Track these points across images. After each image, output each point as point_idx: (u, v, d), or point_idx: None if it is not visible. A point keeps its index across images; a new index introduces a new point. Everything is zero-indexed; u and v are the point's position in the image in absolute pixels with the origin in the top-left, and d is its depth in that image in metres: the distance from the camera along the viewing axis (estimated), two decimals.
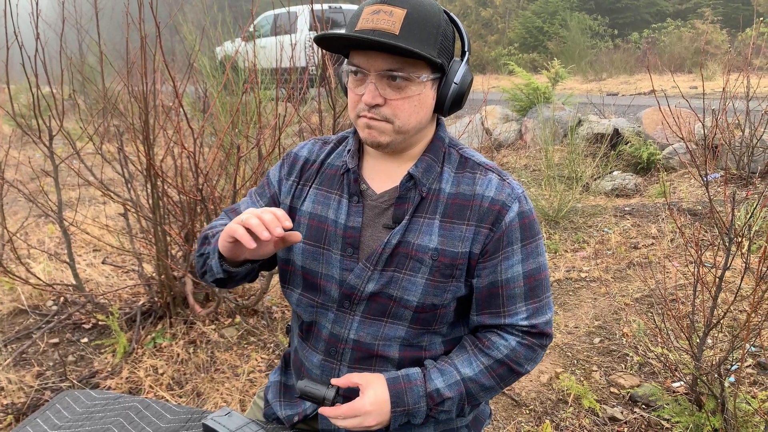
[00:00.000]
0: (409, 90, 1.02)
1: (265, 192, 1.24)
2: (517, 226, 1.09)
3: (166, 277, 2.78)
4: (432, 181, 1.10)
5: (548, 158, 5.39)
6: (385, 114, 1.03)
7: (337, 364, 1.15)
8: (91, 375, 2.61)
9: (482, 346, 1.12)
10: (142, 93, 2.53)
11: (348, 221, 1.11)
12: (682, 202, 4.57)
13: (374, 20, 0.98)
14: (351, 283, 1.10)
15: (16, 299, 3.24)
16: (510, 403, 2.44)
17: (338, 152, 1.20)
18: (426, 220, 1.09)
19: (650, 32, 19.46)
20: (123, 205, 2.78)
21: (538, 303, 1.13)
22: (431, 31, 1.00)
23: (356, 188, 1.12)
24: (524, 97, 7.51)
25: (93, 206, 5.39)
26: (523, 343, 1.11)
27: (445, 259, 1.08)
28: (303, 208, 1.17)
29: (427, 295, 1.08)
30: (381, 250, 1.08)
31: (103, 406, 1.29)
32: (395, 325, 1.11)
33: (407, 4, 0.99)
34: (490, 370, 1.10)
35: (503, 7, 25.74)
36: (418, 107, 1.04)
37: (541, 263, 1.13)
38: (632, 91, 11.20)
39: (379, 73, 1.00)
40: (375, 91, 1.01)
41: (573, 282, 3.56)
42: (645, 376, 2.57)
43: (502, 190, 1.09)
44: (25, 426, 1.23)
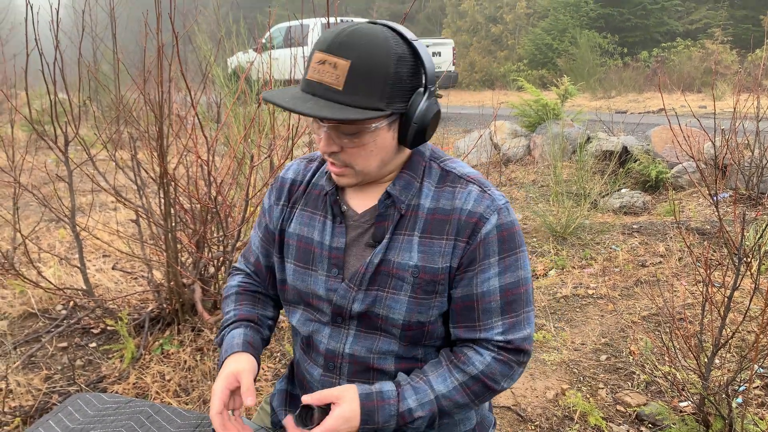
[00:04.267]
0: (362, 139, 1.01)
1: (261, 222, 1.28)
2: (495, 238, 1.07)
3: (176, 284, 2.80)
4: (411, 198, 1.10)
5: (557, 174, 5.40)
6: (343, 160, 1.04)
7: (336, 378, 1.16)
8: (99, 380, 2.62)
9: (458, 361, 1.10)
10: (157, 101, 2.56)
11: (332, 242, 1.13)
12: (691, 221, 4.56)
13: (320, 71, 0.96)
14: (338, 302, 1.12)
15: (26, 302, 3.27)
16: (516, 418, 2.43)
17: (322, 171, 1.20)
18: (405, 237, 1.09)
19: (660, 51, 19.50)
20: (135, 211, 2.81)
21: (515, 318, 1.10)
22: (378, 81, 0.96)
23: (337, 209, 1.13)
24: (533, 113, 7.54)
25: (103, 212, 5.43)
26: (498, 359, 1.09)
27: (425, 275, 1.07)
28: (290, 229, 1.19)
29: (412, 312, 1.08)
30: (364, 270, 1.09)
31: (114, 410, 1.31)
32: (388, 339, 1.12)
33: (353, 53, 0.94)
34: (464, 386, 1.08)
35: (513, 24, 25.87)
36: (375, 151, 1.03)
37: (520, 277, 1.10)
38: (641, 110, 11.21)
39: (330, 126, 1.00)
40: (329, 140, 1.02)
41: (580, 298, 3.55)
42: (652, 395, 2.56)
43: (481, 203, 1.07)
44: (37, 428, 1.25)
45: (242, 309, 1.24)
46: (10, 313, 3.21)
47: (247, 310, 1.24)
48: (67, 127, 2.82)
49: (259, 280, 1.32)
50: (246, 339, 1.16)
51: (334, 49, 0.95)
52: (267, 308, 1.30)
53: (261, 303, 1.29)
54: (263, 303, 1.30)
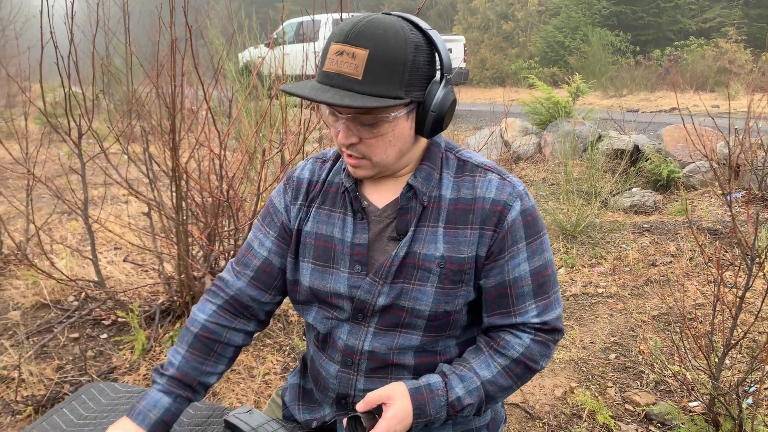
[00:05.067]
0: (381, 128, 1.01)
1: (273, 221, 1.22)
2: (521, 224, 1.09)
3: (186, 277, 2.81)
4: (432, 189, 1.10)
5: (567, 172, 5.38)
6: (361, 151, 1.04)
7: (353, 374, 1.15)
8: (110, 370, 2.65)
9: (497, 346, 1.12)
10: (170, 95, 2.58)
11: (355, 239, 1.12)
12: (702, 220, 4.53)
13: (338, 62, 0.96)
14: (361, 298, 1.11)
15: (38, 293, 3.30)
16: (524, 415, 2.43)
17: (336, 169, 1.19)
18: (430, 229, 1.09)
19: (673, 50, 19.33)
20: (147, 204, 2.83)
21: (547, 299, 1.13)
22: (397, 69, 0.96)
23: (358, 205, 1.13)
24: (544, 110, 7.51)
25: (114, 205, 5.47)
26: (536, 340, 1.12)
27: (452, 265, 1.08)
28: (307, 228, 1.17)
29: (439, 303, 1.09)
30: (389, 264, 1.09)
31: (127, 399, 1.32)
32: (409, 335, 1.12)
33: (370, 43, 0.95)
34: (507, 370, 1.11)
35: (525, 21, 25.72)
36: (394, 141, 1.04)
37: (547, 259, 1.13)
38: (653, 108, 11.13)
39: (349, 116, 1.01)
40: (348, 131, 1.02)
41: (589, 297, 3.54)
42: (661, 395, 2.55)
43: (503, 190, 1.09)
44: (51, 415, 1.26)
45: (189, 363, 1.17)
46: (23, 304, 3.24)
47: (193, 368, 1.17)
48: (81, 119, 2.84)
49: (256, 291, 1.22)
50: (163, 418, 1.12)
51: (351, 39, 0.95)
52: (220, 362, 1.21)
53: (214, 357, 1.20)
54: (217, 357, 1.20)
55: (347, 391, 1.16)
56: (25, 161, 3.36)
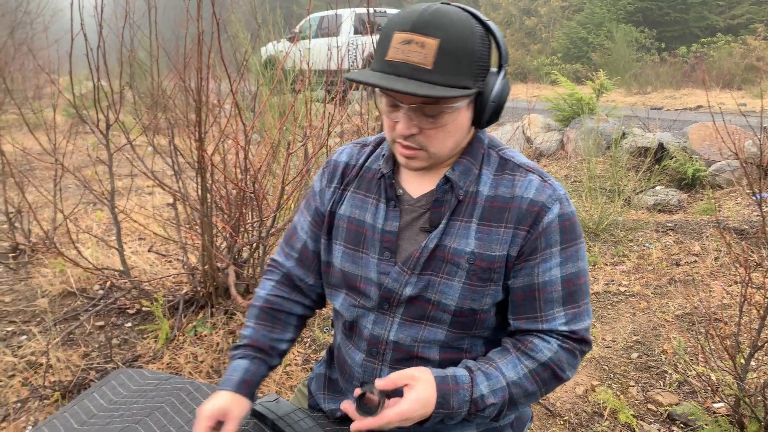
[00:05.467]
0: (443, 119, 1.00)
1: (310, 204, 1.26)
2: (557, 228, 1.06)
3: (210, 267, 2.84)
4: (469, 184, 1.09)
5: (590, 170, 5.33)
6: (420, 142, 1.03)
7: (378, 364, 1.16)
8: (134, 358, 2.69)
9: (525, 348, 1.08)
10: (196, 88, 2.60)
11: (385, 225, 1.12)
12: (728, 220, 4.46)
13: (405, 51, 0.95)
14: (389, 286, 1.11)
15: (65, 281, 3.36)
16: (545, 413, 2.42)
17: (376, 155, 1.20)
18: (463, 224, 1.08)
19: (699, 47, 19.00)
20: (173, 195, 2.86)
21: (577, 309, 1.09)
22: (466, 59, 0.96)
23: (392, 193, 1.13)
24: (567, 107, 7.44)
25: (139, 196, 5.54)
26: (564, 347, 1.09)
27: (482, 263, 1.06)
28: (341, 211, 1.18)
29: (465, 299, 1.07)
30: (418, 254, 1.08)
31: (156, 386, 1.34)
32: (434, 328, 1.11)
33: (440, 32, 0.94)
34: (534, 374, 1.07)
35: (548, 17, 25.48)
36: (453, 132, 1.03)
37: (580, 268, 1.09)
38: (677, 106, 10.97)
39: (413, 106, 0.99)
40: (409, 122, 1.00)
41: (611, 295, 3.51)
42: (684, 395, 2.53)
43: (543, 191, 1.07)
44: (82, 399, 1.29)
45: (258, 332, 1.23)
46: (51, 292, 3.30)
47: (262, 335, 1.22)
48: (109, 111, 2.88)
49: (302, 270, 1.28)
50: (244, 377, 1.16)
51: (420, 28, 0.94)
52: (287, 330, 1.26)
53: (281, 325, 1.25)
54: (283, 324, 1.26)
55: (372, 380, 1.16)
56: (53, 152, 3.42)
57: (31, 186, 4.03)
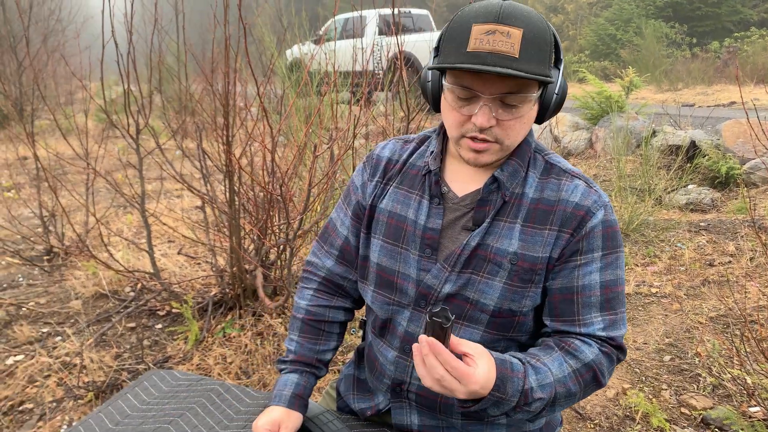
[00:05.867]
0: (521, 110, 1.01)
1: (350, 198, 1.26)
2: (600, 233, 1.07)
3: (238, 270, 2.88)
4: (516, 186, 1.09)
5: (619, 169, 5.24)
6: (495, 134, 1.03)
7: (411, 361, 1.15)
8: (165, 359, 2.73)
9: (569, 348, 1.06)
10: (224, 92, 2.63)
11: (428, 222, 1.12)
12: (764, 219, 4.35)
13: (490, 41, 0.95)
14: (428, 283, 1.11)
15: (97, 284, 3.43)
16: (574, 416, 2.39)
17: (420, 152, 1.20)
18: (507, 224, 1.08)
19: (732, 41, 18.56)
20: (201, 198, 2.90)
21: (614, 316, 1.09)
22: (546, 48, 0.99)
23: (437, 190, 1.13)
24: (596, 105, 7.33)
25: (168, 199, 5.63)
26: (604, 351, 1.07)
27: (524, 263, 1.06)
28: (382, 205, 1.19)
29: (504, 299, 1.07)
30: (460, 252, 1.08)
31: (187, 387, 1.36)
32: (471, 329, 1.10)
33: (522, 23, 0.96)
34: (578, 374, 1.04)
35: (575, 14, 25.18)
36: (526, 124, 1.05)
37: (619, 276, 1.09)
38: (710, 103, 10.73)
39: (495, 96, 0.99)
40: (489, 114, 1.00)
41: (643, 297, 3.45)
42: (719, 399, 2.47)
43: (588, 196, 1.07)
44: (116, 400, 1.31)
45: (303, 346, 1.26)
46: (83, 294, 3.37)
47: (307, 349, 1.26)
48: (139, 116, 2.93)
49: (343, 267, 1.28)
50: (296, 392, 1.21)
51: (503, 18, 0.96)
52: (330, 339, 1.29)
53: (325, 336, 1.28)
54: (327, 335, 1.28)
55: (403, 378, 1.17)
56: (85, 156, 3.49)
57: (64, 190, 4.13)
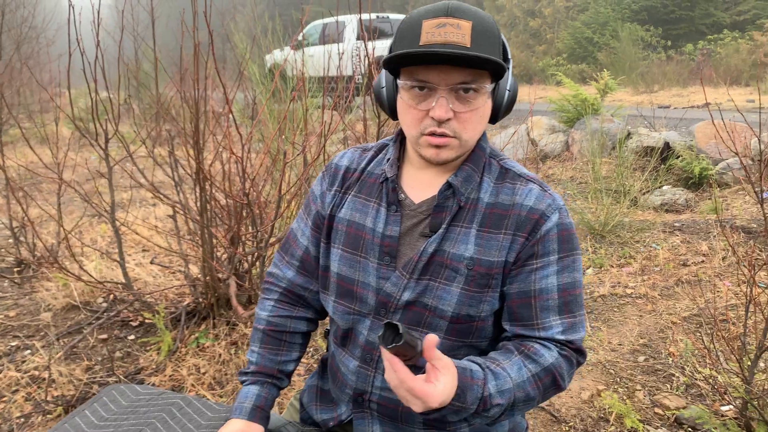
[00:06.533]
0: (477, 102, 1.02)
1: (310, 208, 1.25)
2: (555, 236, 1.07)
3: (211, 279, 2.84)
4: (471, 191, 1.10)
5: (595, 171, 5.29)
6: (454, 128, 1.03)
7: (372, 371, 1.15)
8: (137, 371, 2.69)
9: (528, 352, 1.06)
10: (193, 98, 2.60)
11: (386, 230, 1.12)
12: (736, 219, 4.41)
13: (442, 33, 0.97)
14: (387, 291, 1.10)
15: (69, 295, 3.37)
16: (549, 419, 2.39)
17: (378, 160, 1.20)
18: (463, 229, 1.08)
19: (705, 44, 18.88)
20: (172, 207, 2.86)
21: (573, 319, 1.08)
22: (495, 41, 1.01)
23: (394, 197, 1.13)
24: (572, 108, 7.40)
25: (143, 208, 5.56)
26: (563, 354, 1.07)
27: (480, 268, 1.06)
28: (341, 215, 1.18)
29: (462, 305, 1.07)
30: (417, 259, 1.08)
31: (147, 401, 1.33)
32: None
33: (471, 17, 0.98)
34: (537, 378, 1.04)
35: (552, 18, 25.44)
36: (482, 118, 1.05)
37: (576, 279, 1.09)
38: (685, 104, 10.89)
39: (451, 87, 1.00)
40: (446, 105, 1.01)
41: (618, 298, 3.47)
42: (692, 398, 2.49)
43: (543, 200, 1.08)
44: (74, 417, 1.28)
45: (265, 357, 1.24)
46: (54, 305, 3.31)
47: (269, 360, 1.24)
48: (107, 124, 2.89)
49: (304, 278, 1.26)
50: (257, 403, 1.19)
51: (452, 12, 0.98)
52: (292, 350, 1.27)
53: (286, 346, 1.26)
54: (289, 345, 1.26)
55: (365, 388, 1.16)
56: (56, 166, 3.43)
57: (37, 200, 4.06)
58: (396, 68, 1.07)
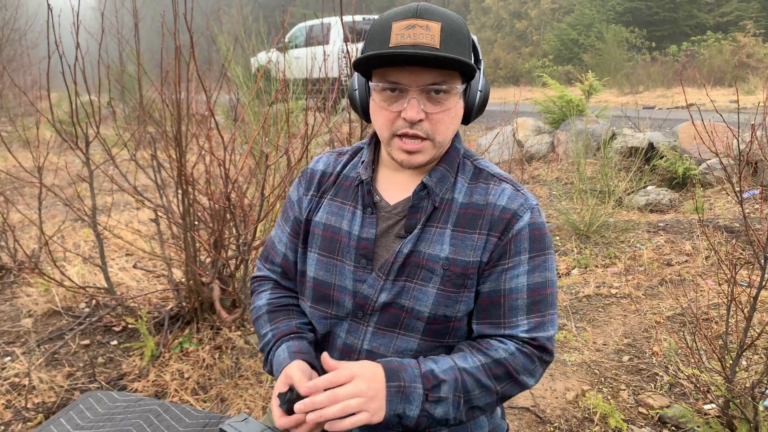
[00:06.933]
0: (448, 102, 1.03)
1: (288, 215, 1.25)
2: (527, 236, 1.08)
3: (195, 283, 2.82)
4: (445, 192, 1.10)
5: (581, 171, 5.31)
6: (426, 130, 1.03)
7: None
8: (119, 377, 2.66)
9: (479, 346, 1.08)
10: (175, 101, 2.58)
11: (362, 232, 1.12)
12: (719, 218, 4.45)
13: (411, 35, 0.97)
14: (364, 293, 1.10)
15: (50, 300, 3.33)
16: (534, 419, 2.39)
17: (353, 163, 1.20)
18: (438, 230, 1.09)
19: (689, 45, 19.06)
20: (154, 210, 2.84)
21: (541, 318, 1.09)
22: (465, 42, 1.01)
23: (370, 199, 1.13)
24: (557, 109, 7.43)
25: (128, 211, 5.51)
26: (522, 351, 1.07)
27: (456, 268, 1.07)
28: (317, 219, 1.18)
29: (439, 305, 1.08)
30: (393, 260, 1.09)
31: (124, 408, 1.32)
32: (407, 337, 1.10)
33: (440, 18, 0.99)
34: (487, 367, 1.04)
35: (538, 19, 25.57)
36: (454, 119, 1.06)
37: (548, 278, 1.10)
38: (669, 105, 10.98)
39: (422, 88, 1.00)
40: (418, 106, 1.01)
41: (603, 298, 3.49)
42: (675, 397, 2.50)
43: (515, 200, 1.09)
44: (48, 425, 1.26)
45: (279, 326, 1.19)
46: (35, 311, 3.27)
47: (285, 326, 1.19)
48: (88, 128, 2.86)
49: (288, 282, 1.27)
50: (291, 350, 1.12)
51: (421, 14, 0.99)
52: (305, 316, 1.23)
53: (296, 314, 1.23)
54: (298, 313, 1.23)
55: None
56: (37, 171, 3.39)
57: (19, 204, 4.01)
58: (368, 71, 1.07)
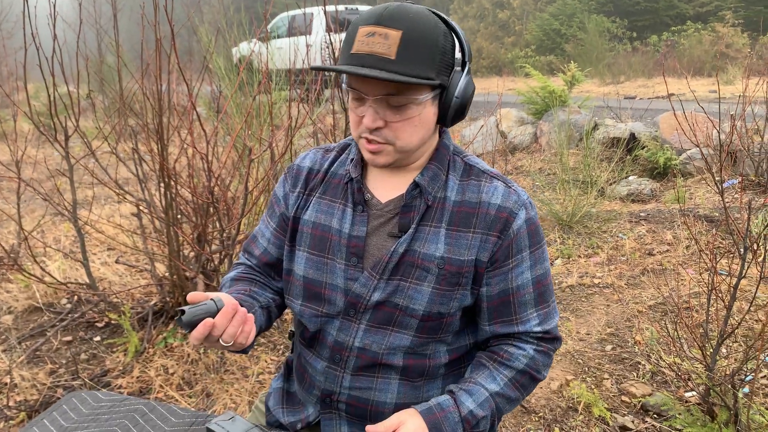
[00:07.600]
0: (409, 112, 1.01)
1: (274, 211, 1.24)
2: (525, 233, 1.10)
3: (178, 278, 2.79)
4: (438, 190, 1.10)
5: (563, 162, 5.35)
6: (386, 136, 1.03)
7: (340, 371, 1.14)
8: (103, 374, 2.63)
9: (501, 359, 1.12)
10: (156, 93, 2.55)
11: (352, 230, 1.11)
12: (699, 208, 4.51)
13: (369, 43, 0.96)
14: (356, 292, 1.10)
15: (31, 296, 3.28)
16: (519, 410, 2.42)
17: (341, 160, 1.19)
18: (432, 229, 1.09)
19: (669, 35, 19.22)
20: (136, 205, 2.80)
21: (547, 308, 1.14)
22: (429, 50, 0.98)
23: (360, 197, 1.12)
24: (540, 100, 7.46)
25: (109, 205, 5.44)
26: (539, 350, 1.13)
27: (451, 267, 1.07)
28: (306, 217, 1.17)
29: (433, 303, 1.08)
30: (387, 259, 1.08)
31: (109, 408, 1.30)
32: (400, 334, 1.10)
33: (402, 25, 0.96)
34: (514, 381, 1.11)
35: (520, 9, 25.60)
36: (419, 126, 1.04)
37: (546, 268, 1.15)
38: (650, 95, 11.07)
39: (378, 98, 1.00)
40: (374, 115, 1.01)
41: (586, 288, 3.52)
42: (657, 385, 2.54)
43: (509, 198, 1.09)
44: (32, 426, 1.24)
45: (237, 288, 1.18)
46: (16, 308, 3.22)
47: (241, 287, 1.18)
48: (67, 120, 2.81)
49: (261, 277, 1.26)
50: (228, 292, 1.12)
51: (384, 20, 0.96)
52: (266, 290, 1.23)
53: (258, 285, 1.23)
54: (261, 286, 1.23)
55: (333, 388, 1.15)
56: (15, 164, 3.32)
57: None
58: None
